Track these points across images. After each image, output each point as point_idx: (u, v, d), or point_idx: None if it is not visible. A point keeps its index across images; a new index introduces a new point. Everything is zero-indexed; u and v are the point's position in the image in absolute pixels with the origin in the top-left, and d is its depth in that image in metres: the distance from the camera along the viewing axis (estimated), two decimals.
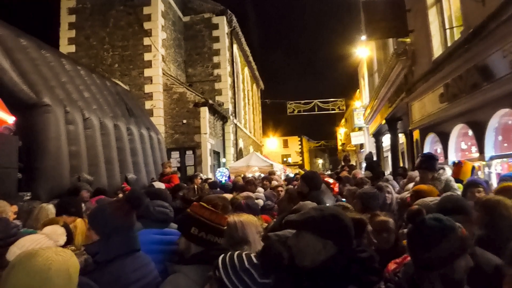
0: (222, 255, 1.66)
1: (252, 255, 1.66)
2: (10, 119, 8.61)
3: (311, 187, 4.15)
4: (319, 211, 1.74)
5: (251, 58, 29.70)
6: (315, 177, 4.33)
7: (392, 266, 2.28)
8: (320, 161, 63.66)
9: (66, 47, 17.50)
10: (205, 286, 1.75)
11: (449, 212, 2.16)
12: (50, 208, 4.09)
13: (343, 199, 4.76)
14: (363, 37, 14.22)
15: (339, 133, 43.75)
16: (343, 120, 38.81)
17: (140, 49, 17.16)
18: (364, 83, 22.29)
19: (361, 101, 24.05)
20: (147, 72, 16.97)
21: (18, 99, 6.82)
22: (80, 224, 3.83)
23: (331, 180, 4.82)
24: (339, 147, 43.82)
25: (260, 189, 7.03)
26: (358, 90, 25.87)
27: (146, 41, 17.11)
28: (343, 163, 10.98)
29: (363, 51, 19.27)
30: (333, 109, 31.04)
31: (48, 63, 8.47)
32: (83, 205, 4.84)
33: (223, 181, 14.75)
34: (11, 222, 2.96)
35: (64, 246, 2.64)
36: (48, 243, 2.27)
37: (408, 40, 10.05)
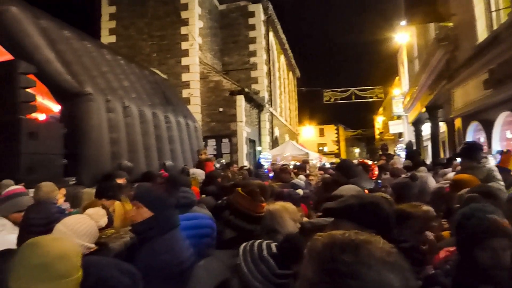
0: (244, 243, 1.67)
1: (273, 245, 1.65)
2: (56, 108, 9.03)
3: (346, 176, 4.08)
4: (358, 199, 1.70)
5: (287, 46, 29.41)
6: (350, 165, 4.25)
7: (443, 253, 2.22)
8: (356, 150, 62.56)
9: (106, 38, 18.02)
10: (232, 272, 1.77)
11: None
12: (92, 193, 4.27)
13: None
14: (403, 22, 13.75)
15: (377, 122, 42.78)
16: (381, 108, 37.90)
17: (177, 38, 17.38)
18: (404, 70, 21.61)
19: (400, 88, 23.36)
20: (184, 61, 17.20)
21: (63, 89, 7.11)
22: (118, 208, 3.97)
23: (370, 162, 4.69)
24: (377, 136, 42.91)
25: (301, 177, 6.96)
26: (397, 77, 25.12)
27: (183, 30, 17.31)
28: (380, 152, 10.76)
29: (403, 36, 18.65)
30: (371, 97, 30.35)
31: (90, 54, 8.76)
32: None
33: (266, 166, 14.90)
34: (53, 206, 3.10)
35: (103, 228, 2.75)
36: (90, 223, 2.37)
37: (450, 24, 9.63)
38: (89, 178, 6.97)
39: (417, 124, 16.52)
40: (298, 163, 13.76)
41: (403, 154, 11.53)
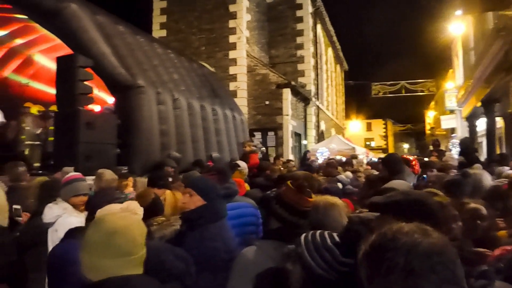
0: (305, 234, 1.68)
1: (335, 234, 1.67)
2: (110, 100, 9.46)
3: (391, 171, 3.99)
4: (404, 195, 1.69)
5: (335, 38, 28.88)
6: (396, 160, 4.14)
7: (498, 251, 2.15)
8: (405, 146, 60.55)
9: (158, 32, 18.56)
10: (286, 263, 1.78)
11: None
12: (144, 181, 4.47)
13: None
14: (458, 12, 13.09)
15: (428, 116, 41.09)
16: (432, 103, 36.35)
17: (225, 31, 17.58)
18: (458, 62, 20.59)
19: (454, 81, 22.29)
20: (231, 54, 17.39)
21: (117, 81, 7.44)
22: (169, 196, 4.12)
23: (410, 157, 4.56)
24: (427, 131, 41.25)
25: (348, 173, 6.82)
26: (450, 70, 23.99)
27: (231, 23, 17.47)
28: (431, 148, 10.37)
29: (458, 27, 17.72)
30: (422, 91, 29.21)
31: (142, 47, 9.09)
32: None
33: (320, 160, 14.87)
34: (115, 192, 3.27)
35: (154, 216, 2.87)
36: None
37: (510, 13, 9.05)
38: (140, 167, 7.26)
39: (471, 119, 15.74)
40: (344, 158, 13.58)
41: (455, 150, 11.03)
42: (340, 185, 5.10)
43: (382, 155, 14.45)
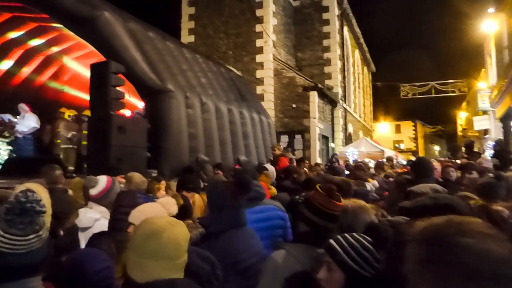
0: (335, 238, 1.69)
1: (363, 236, 1.68)
2: (140, 104, 9.69)
3: (419, 175, 3.92)
4: (433, 200, 1.68)
5: (362, 40, 28.55)
6: (425, 163, 4.07)
7: None
8: (436, 148, 58.95)
9: (186, 37, 18.88)
10: (318, 269, 1.78)
11: None
12: (173, 184, 4.55)
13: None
14: (491, 9, 12.70)
15: (459, 118, 39.94)
16: (464, 103, 35.31)
17: (252, 35, 17.70)
18: (491, 61, 19.95)
19: (487, 81, 21.60)
20: (258, 58, 17.48)
21: (147, 86, 7.63)
22: (198, 200, 4.19)
23: (435, 161, 4.47)
24: (459, 133, 40.07)
25: (375, 182, 6.58)
26: (483, 69, 23.27)
27: (258, 27, 17.57)
28: (464, 150, 10.08)
29: (490, 25, 17.19)
30: (453, 91, 28.39)
31: (171, 53, 9.29)
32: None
33: (351, 160, 14.75)
34: (138, 196, 3.36)
35: (182, 219, 2.95)
36: (161, 210, 2.56)
37: None
38: (169, 170, 7.41)
39: (506, 119, 15.23)
40: (373, 161, 13.40)
41: (489, 152, 10.68)
42: (369, 187, 5.05)
43: (412, 158, 14.17)
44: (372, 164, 11.58)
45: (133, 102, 10.45)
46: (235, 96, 11.61)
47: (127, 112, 9.39)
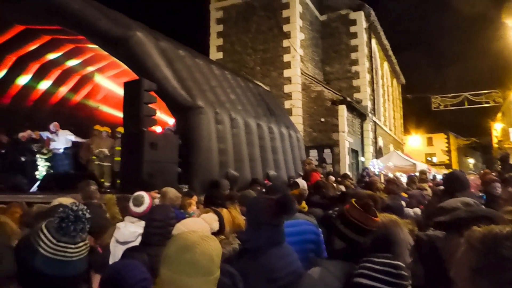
0: (362, 264, 1.67)
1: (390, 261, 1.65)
2: (171, 121, 9.90)
3: (454, 189, 3.80)
4: (469, 212, 1.64)
5: (390, 52, 28.26)
6: (458, 177, 3.95)
7: None
8: (470, 161, 56.96)
9: (215, 54, 19.23)
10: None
11: None
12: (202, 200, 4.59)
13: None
14: None
15: (494, 129, 38.62)
16: (499, 114, 34.17)
17: (279, 51, 17.84)
18: None
19: None
20: (286, 73, 17.57)
21: (178, 103, 7.79)
22: (226, 215, 4.21)
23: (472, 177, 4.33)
24: (494, 145, 38.70)
25: (417, 210, 6.36)
26: None
27: (285, 43, 17.71)
28: (499, 163, 9.73)
29: None
30: (487, 102, 27.54)
31: (201, 70, 9.48)
32: None
33: (377, 172, 14.53)
34: (171, 210, 3.42)
35: (215, 235, 2.97)
36: (205, 226, 2.58)
37: None
38: (200, 185, 7.48)
39: None
40: (404, 174, 13.10)
41: None
42: (403, 203, 4.93)
43: (446, 171, 13.76)
44: (404, 178, 11.34)
45: (164, 119, 10.69)
46: (263, 111, 11.68)
47: (158, 129, 9.62)
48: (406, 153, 26.12)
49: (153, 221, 2.74)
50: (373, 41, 23.07)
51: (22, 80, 10.07)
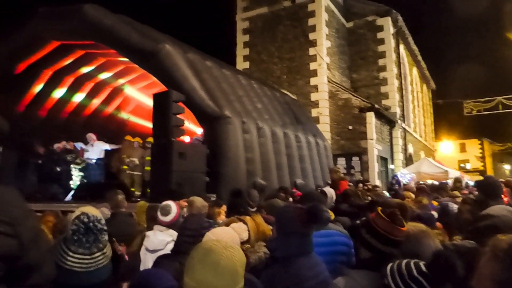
0: (391, 263, 1.66)
1: (421, 264, 1.62)
2: (199, 131, 10.05)
3: (488, 196, 3.69)
4: (504, 222, 1.61)
5: (420, 57, 27.73)
6: (493, 183, 3.82)
7: None
8: (506, 167, 54.71)
9: (241, 64, 19.45)
10: None
11: None
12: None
13: None
14: None
15: None
16: None
17: (306, 59, 17.86)
18: None
19: None
20: (313, 81, 17.55)
21: (205, 113, 7.93)
22: (250, 223, 4.23)
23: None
24: None
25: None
26: None
27: (312, 51, 17.72)
28: None
29: None
30: None
31: (228, 80, 9.61)
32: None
33: (405, 182, 14.25)
34: (203, 219, 3.49)
35: (243, 243, 2.99)
36: (234, 235, 2.61)
37: None
38: (227, 195, 7.54)
39: None
40: (436, 182, 12.77)
41: None
42: (435, 213, 4.82)
43: (480, 178, 13.33)
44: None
45: (192, 129, 10.87)
46: (290, 119, 11.69)
47: (186, 139, 9.78)
48: (437, 160, 25.46)
49: (186, 229, 2.77)
50: (401, 47, 22.74)
51: (58, 93, 10.50)
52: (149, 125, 8.66)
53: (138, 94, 12.21)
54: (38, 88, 9.97)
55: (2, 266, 1.05)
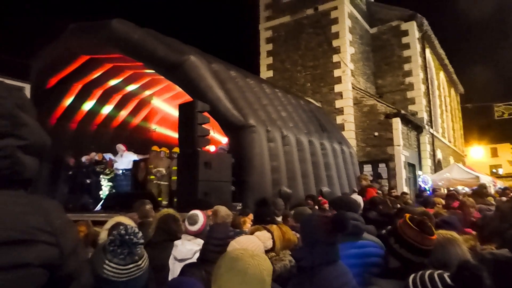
0: (413, 274, 1.63)
1: (446, 275, 1.58)
2: (224, 140, 10.13)
3: None
4: None
5: (447, 61, 27.16)
6: None
7: None
8: None
9: (265, 73, 19.56)
10: None
11: None
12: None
13: None
14: None
15: None
16: None
17: (329, 66, 17.79)
18: None
19: None
20: (337, 88, 17.45)
21: (230, 123, 7.99)
22: (276, 231, 4.23)
23: None
24: None
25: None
26: None
27: (335, 58, 17.64)
28: None
29: None
30: None
31: (252, 89, 9.67)
32: None
33: (427, 188, 13.93)
34: (229, 228, 3.50)
35: (267, 251, 2.99)
36: (259, 243, 2.61)
37: None
38: (253, 204, 7.55)
39: None
40: (467, 188, 12.41)
41: None
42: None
43: None
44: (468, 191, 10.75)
45: (218, 138, 10.97)
46: (315, 127, 11.64)
47: (212, 148, 9.88)
48: (468, 165, 24.75)
49: (212, 239, 2.79)
50: (427, 51, 22.34)
51: (87, 105, 10.82)
52: (175, 135, 8.79)
53: (164, 105, 12.43)
54: (68, 101, 10.31)
55: (45, 273, 1.10)
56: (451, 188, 13.39)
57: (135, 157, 10.62)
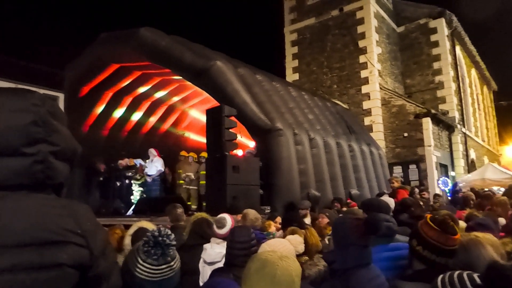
0: (442, 275, 1.60)
1: (475, 275, 1.54)
2: (251, 144, 10.18)
3: None
4: None
5: (478, 58, 26.33)
6: None
7: None
8: None
9: (291, 76, 19.53)
10: None
11: None
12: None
13: None
14: None
15: None
16: None
17: (356, 67, 17.59)
18: None
19: None
20: (364, 89, 17.22)
21: (257, 126, 8.02)
22: (306, 235, 4.23)
23: None
24: None
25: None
26: None
27: (362, 58, 17.43)
28: None
29: None
30: None
31: (278, 92, 9.69)
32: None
33: (447, 191, 13.52)
34: (252, 231, 3.53)
35: (300, 255, 2.98)
36: (290, 247, 2.61)
37: None
38: (281, 206, 7.56)
39: None
40: (502, 189, 11.97)
41: None
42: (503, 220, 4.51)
43: None
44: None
45: (245, 142, 11.03)
46: (343, 129, 11.53)
47: (239, 152, 9.94)
48: (503, 165, 23.87)
49: (235, 242, 2.78)
50: (457, 48, 21.75)
51: (118, 113, 11.10)
52: (203, 140, 8.89)
53: (192, 111, 12.61)
54: (100, 109, 10.61)
55: (76, 274, 1.14)
56: (486, 189, 12.95)
57: (160, 167, 10.70)
